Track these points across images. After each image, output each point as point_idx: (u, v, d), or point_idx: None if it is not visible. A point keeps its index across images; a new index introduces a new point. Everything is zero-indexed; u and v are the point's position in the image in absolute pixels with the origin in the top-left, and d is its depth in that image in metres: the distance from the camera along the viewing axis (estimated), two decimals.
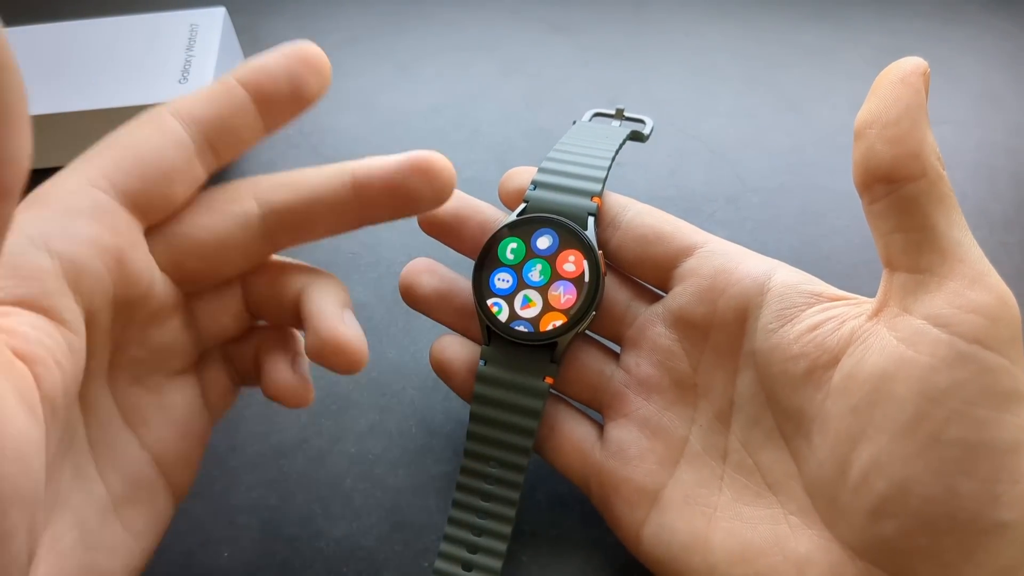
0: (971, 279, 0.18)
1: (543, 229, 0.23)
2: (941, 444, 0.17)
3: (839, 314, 0.20)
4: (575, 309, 0.22)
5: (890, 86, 0.18)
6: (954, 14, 0.38)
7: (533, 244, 0.23)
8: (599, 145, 0.24)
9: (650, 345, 0.23)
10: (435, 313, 0.25)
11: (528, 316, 0.22)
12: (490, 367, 0.23)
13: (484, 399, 0.23)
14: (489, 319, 0.23)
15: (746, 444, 0.21)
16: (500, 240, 0.23)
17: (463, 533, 0.23)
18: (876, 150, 0.18)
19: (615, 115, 0.26)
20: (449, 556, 0.23)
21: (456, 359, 0.24)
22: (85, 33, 0.34)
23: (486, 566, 0.22)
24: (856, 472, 0.18)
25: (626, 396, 0.23)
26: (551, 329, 0.22)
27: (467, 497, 0.23)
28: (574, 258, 0.22)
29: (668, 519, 0.21)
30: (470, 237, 0.24)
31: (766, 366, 0.21)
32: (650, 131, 0.26)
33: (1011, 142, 0.33)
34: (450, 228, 0.24)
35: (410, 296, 0.25)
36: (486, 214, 0.24)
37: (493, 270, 0.23)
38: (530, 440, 0.22)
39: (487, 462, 0.23)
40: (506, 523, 0.23)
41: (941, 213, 0.18)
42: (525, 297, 0.23)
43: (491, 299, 0.23)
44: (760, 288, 0.21)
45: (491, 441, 0.23)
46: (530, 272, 0.23)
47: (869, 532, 0.18)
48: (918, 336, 0.18)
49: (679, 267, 0.22)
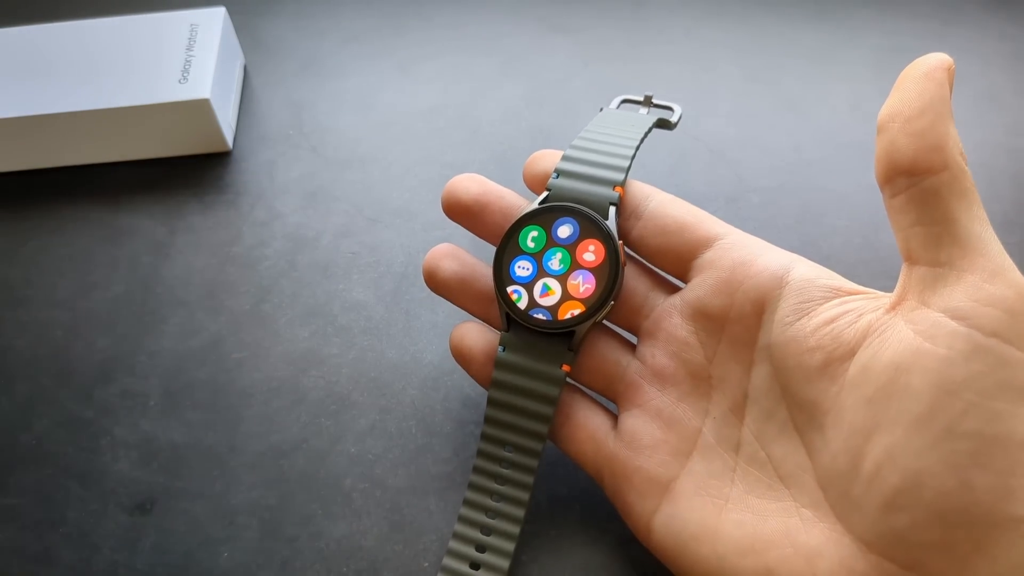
0: (991, 273, 0.18)
1: (564, 218, 0.23)
2: (956, 437, 0.17)
3: (856, 307, 0.20)
4: (594, 299, 0.22)
5: (914, 80, 0.18)
6: (954, 15, 0.38)
7: (554, 233, 0.23)
8: (624, 134, 0.24)
9: (666, 336, 0.23)
10: (456, 298, 0.25)
11: (547, 304, 0.23)
12: (508, 353, 0.23)
13: (502, 384, 0.23)
14: (509, 306, 0.23)
15: (759, 437, 0.21)
16: (521, 228, 0.23)
17: (478, 515, 0.23)
18: (898, 143, 0.18)
19: (643, 102, 0.26)
20: (464, 537, 0.23)
21: (475, 346, 0.24)
22: (85, 33, 0.34)
23: (499, 548, 0.23)
24: (869, 464, 0.18)
25: (641, 386, 0.23)
26: (569, 318, 0.22)
27: (483, 480, 0.23)
28: (594, 248, 0.23)
29: (679, 509, 0.21)
30: (492, 223, 0.24)
31: (782, 359, 0.21)
32: (678, 119, 0.26)
33: (1011, 142, 0.33)
34: (473, 213, 0.24)
35: (432, 280, 0.25)
36: (508, 200, 0.24)
37: (514, 257, 0.23)
38: (545, 426, 0.23)
39: (503, 446, 0.23)
40: (520, 506, 0.23)
41: (962, 207, 0.18)
42: (544, 285, 0.23)
43: (511, 286, 0.23)
44: (778, 282, 0.21)
45: (507, 426, 0.23)
46: (550, 260, 0.23)
47: (881, 525, 0.18)
48: (936, 329, 0.18)
49: (698, 258, 0.23)
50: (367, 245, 0.31)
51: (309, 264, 0.31)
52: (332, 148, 0.34)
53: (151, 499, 0.26)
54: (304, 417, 0.27)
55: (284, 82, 0.37)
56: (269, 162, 0.34)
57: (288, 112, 0.36)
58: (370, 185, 0.33)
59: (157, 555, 0.25)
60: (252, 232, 0.32)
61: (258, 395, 0.28)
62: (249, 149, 0.35)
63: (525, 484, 0.23)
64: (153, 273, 0.31)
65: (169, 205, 0.33)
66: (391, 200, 0.33)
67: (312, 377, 0.28)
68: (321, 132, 0.35)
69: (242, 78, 0.37)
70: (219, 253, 0.31)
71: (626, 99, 0.27)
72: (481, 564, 0.23)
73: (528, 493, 0.23)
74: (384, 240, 0.31)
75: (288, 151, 0.34)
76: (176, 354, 0.29)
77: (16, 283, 0.31)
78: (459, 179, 0.25)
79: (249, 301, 0.30)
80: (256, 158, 0.34)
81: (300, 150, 0.34)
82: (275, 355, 0.29)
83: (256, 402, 0.28)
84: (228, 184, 0.33)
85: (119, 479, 0.26)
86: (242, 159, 0.34)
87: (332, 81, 0.37)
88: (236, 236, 0.32)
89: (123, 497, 0.26)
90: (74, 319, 0.30)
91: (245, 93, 0.36)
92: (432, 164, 0.34)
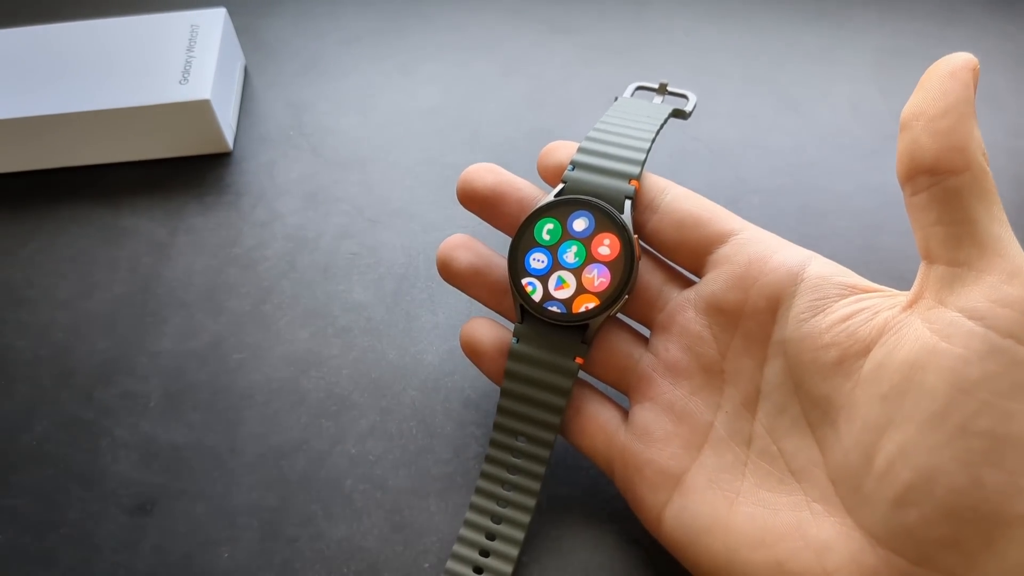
0: (1009, 274, 0.18)
1: (580, 211, 0.23)
2: (969, 435, 0.17)
3: (872, 305, 0.20)
4: (608, 292, 0.23)
5: (939, 79, 0.19)
6: (954, 15, 0.38)
7: (569, 226, 0.23)
8: (640, 125, 0.24)
9: (680, 330, 0.23)
10: (470, 288, 0.25)
11: (561, 297, 0.23)
12: (522, 345, 0.23)
13: (515, 375, 0.23)
14: (523, 298, 0.23)
15: (771, 431, 0.22)
16: (537, 220, 0.23)
17: (490, 503, 0.24)
18: (921, 142, 0.18)
19: (658, 90, 0.26)
20: (474, 525, 0.24)
21: (485, 340, 0.24)
22: (85, 33, 0.34)
23: (509, 536, 0.23)
24: (882, 460, 0.18)
25: (653, 379, 0.23)
26: (583, 311, 0.23)
27: (495, 469, 0.24)
28: (609, 241, 0.23)
29: (690, 502, 0.21)
30: (507, 214, 0.24)
31: (796, 355, 0.21)
32: (693, 108, 0.26)
33: (1012, 143, 0.33)
34: (489, 204, 0.24)
35: (446, 271, 0.25)
36: (525, 192, 0.24)
37: (529, 249, 0.23)
38: (558, 417, 0.23)
39: (515, 436, 0.24)
40: (531, 496, 0.23)
41: (983, 207, 0.18)
42: (559, 278, 0.23)
43: (526, 278, 0.23)
44: (794, 278, 0.21)
45: (520, 416, 0.24)
46: (565, 253, 0.23)
47: (892, 520, 0.18)
48: (952, 328, 0.18)
49: (714, 253, 0.23)
50: (367, 246, 0.31)
51: (309, 265, 0.31)
52: (333, 149, 0.34)
53: (151, 500, 0.26)
54: (304, 418, 0.27)
55: (285, 83, 0.37)
56: (269, 163, 0.34)
57: (288, 113, 0.36)
58: (371, 186, 0.33)
59: (157, 556, 0.25)
60: (252, 233, 0.32)
61: (258, 396, 0.28)
62: (249, 150, 0.35)
63: (537, 474, 0.23)
64: (153, 274, 0.31)
65: (169, 206, 0.33)
66: (391, 201, 0.33)
67: (312, 378, 0.28)
68: (322, 133, 0.35)
69: (243, 79, 0.37)
70: (219, 254, 0.31)
71: (640, 86, 0.27)
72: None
73: (539, 482, 0.23)
74: (384, 241, 0.31)
75: (289, 152, 0.34)
76: (176, 355, 0.29)
77: (17, 284, 0.31)
78: (475, 168, 0.25)
79: (249, 302, 0.30)
80: (256, 159, 0.34)
81: (300, 151, 0.34)
82: (275, 356, 0.29)
83: (256, 403, 0.28)
84: (228, 185, 0.33)
85: (119, 480, 0.26)
86: (242, 160, 0.34)
87: (333, 82, 0.37)
88: (236, 237, 0.32)
89: (123, 498, 0.26)
90: (75, 320, 0.30)
91: (246, 94, 0.36)
92: (433, 165, 0.34)
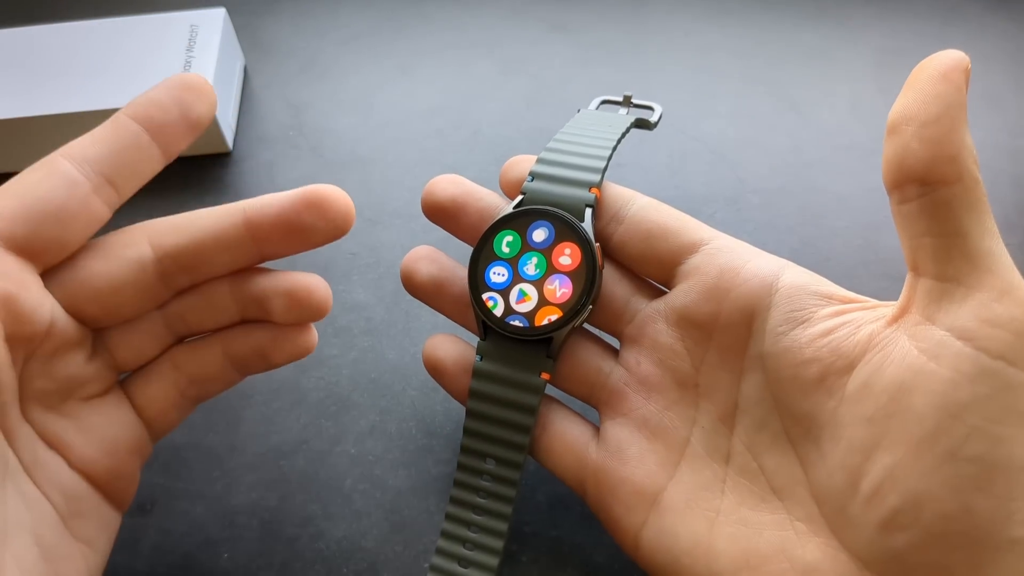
0: (999, 291, 0.17)
1: (539, 222, 0.22)
2: (959, 461, 0.17)
3: (855, 319, 0.19)
4: (571, 303, 0.22)
5: (930, 81, 0.17)
6: (954, 14, 0.38)
7: (529, 237, 0.22)
8: (600, 134, 0.24)
9: (651, 343, 0.22)
10: (433, 302, 0.24)
11: (523, 311, 0.22)
12: (486, 362, 0.23)
13: (480, 395, 0.23)
14: (484, 313, 0.22)
15: (751, 447, 0.21)
16: (496, 233, 0.23)
17: (461, 530, 0.23)
18: (912, 149, 0.17)
19: (622, 102, 0.26)
20: (447, 553, 0.23)
21: (447, 357, 0.24)
22: (85, 33, 0.34)
23: (483, 563, 0.22)
24: (868, 483, 0.18)
25: (626, 394, 0.22)
26: (546, 324, 0.22)
27: (465, 494, 0.23)
28: (570, 251, 0.22)
29: (668, 523, 0.21)
30: (469, 225, 0.24)
31: (775, 370, 0.20)
32: (658, 118, 0.25)
33: (1012, 144, 0.33)
34: (450, 215, 0.24)
35: (409, 283, 0.24)
36: (486, 201, 0.24)
37: (488, 263, 0.23)
38: (526, 437, 0.22)
39: (483, 458, 0.23)
40: (502, 520, 0.22)
41: (974, 220, 0.17)
42: (520, 291, 0.22)
43: (486, 293, 0.22)
44: (768, 289, 0.21)
45: (488, 437, 0.23)
46: (525, 266, 0.22)
47: (879, 544, 0.18)
48: (940, 348, 0.17)
49: (683, 264, 0.22)
50: (367, 246, 0.31)
51: (309, 265, 0.31)
52: (332, 149, 0.34)
53: (151, 500, 0.26)
54: (304, 418, 0.27)
55: (284, 83, 0.37)
56: (269, 163, 0.34)
57: (288, 113, 0.36)
58: (370, 186, 0.33)
59: (157, 556, 0.25)
60: None
61: (258, 396, 0.28)
62: (249, 150, 0.35)
63: (508, 497, 0.22)
64: None
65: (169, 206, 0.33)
66: (391, 201, 0.33)
67: (312, 378, 0.28)
68: (321, 133, 0.35)
69: (242, 79, 0.37)
70: None
71: (605, 100, 0.27)
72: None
73: (511, 506, 0.22)
74: (384, 241, 0.31)
75: (288, 152, 0.34)
76: None
77: None
78: (437, 180, 0.24)
79: None
80: (256, 159, 0.34)
81: (300, 151, 0.34)
82: None
83: (256, 403, 0.28)
84: (228, 185, 0.33)
85: None
86: (242, 160, 0.34)
87: (332, 82, 0.37)
88: None
89: None
90: None
91: (245, 94, 0.36)
92: (432, 165, 0.34)
